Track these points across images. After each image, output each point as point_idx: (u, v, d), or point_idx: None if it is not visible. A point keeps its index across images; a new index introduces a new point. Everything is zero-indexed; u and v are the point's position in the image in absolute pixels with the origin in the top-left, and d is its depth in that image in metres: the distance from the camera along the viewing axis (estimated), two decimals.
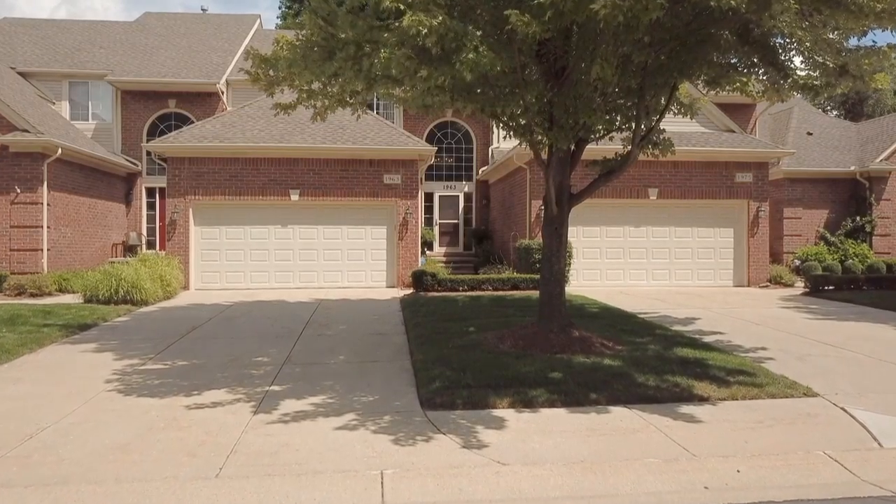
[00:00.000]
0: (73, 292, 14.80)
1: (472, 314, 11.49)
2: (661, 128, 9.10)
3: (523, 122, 7.96)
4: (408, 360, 8.27)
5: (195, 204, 16.95)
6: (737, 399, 6.55)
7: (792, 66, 8.43)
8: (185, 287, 16.61)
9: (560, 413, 6.11)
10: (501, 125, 8.29)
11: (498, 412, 6.11)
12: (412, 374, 7.56)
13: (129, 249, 20.96)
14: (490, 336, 9.02)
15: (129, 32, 24.91)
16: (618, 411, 6.16)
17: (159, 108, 22.01)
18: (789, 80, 8.25)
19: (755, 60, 8.36)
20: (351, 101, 7.90)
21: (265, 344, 9.47)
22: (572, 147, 8.32)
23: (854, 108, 42.48)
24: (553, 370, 7.26)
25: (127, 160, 21.26)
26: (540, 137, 7.81)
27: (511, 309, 12.14)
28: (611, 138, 9.24)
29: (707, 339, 9.64)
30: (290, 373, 7.72)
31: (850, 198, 22.07)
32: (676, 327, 10.68)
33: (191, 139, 16.93)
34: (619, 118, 8.97)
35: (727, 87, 8.38)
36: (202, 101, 21.85)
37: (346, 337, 10.08)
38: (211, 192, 16.89)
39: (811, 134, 23.91)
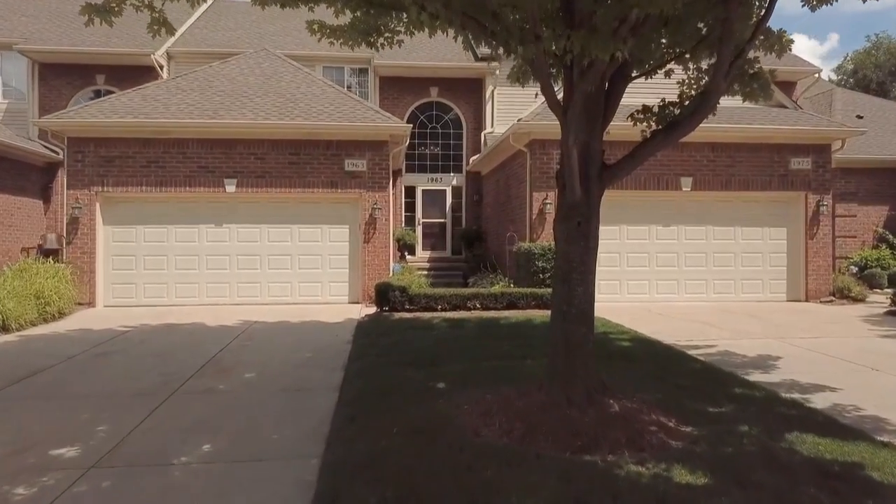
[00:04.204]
0: None
1: (448, 352, 7.86)
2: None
3: (525, 23, 4.30)
4: (317, 460, 4.62)
5: (104, 197, 13.28)
6: None
7: None
8: (91, 304, 12.97)
9: None
10: (488, 34, 4.63)
11: None
12: (310, 501, 3.93)
13: (48, 254, 17.24)
14: (468, 406, 5.39)
15: (62, 1, 21.25)
16: None
17: (86, 85, 18.33)
18: None
19: None
20: None
21: (106, 410, 5.83)
22: (608, 79, 4.69)
23: None
24: None
25: (44, 146, 17.50)
26: (555, 48, 4.17)
27: (506, 342, 8.50)
28: (667, 73, 5.63)
29: (818, 402, 6.00)
30: (83, 493, 4.08)
31: None
32: (756, 377, 7.02)
33: (97, 114, 13.24)
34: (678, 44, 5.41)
35: None
36: (137, 76, 18.13)
37: (244, 396, 6.42)
38: (124, 183, 13.23)
39: (861, 117, 20.26)
